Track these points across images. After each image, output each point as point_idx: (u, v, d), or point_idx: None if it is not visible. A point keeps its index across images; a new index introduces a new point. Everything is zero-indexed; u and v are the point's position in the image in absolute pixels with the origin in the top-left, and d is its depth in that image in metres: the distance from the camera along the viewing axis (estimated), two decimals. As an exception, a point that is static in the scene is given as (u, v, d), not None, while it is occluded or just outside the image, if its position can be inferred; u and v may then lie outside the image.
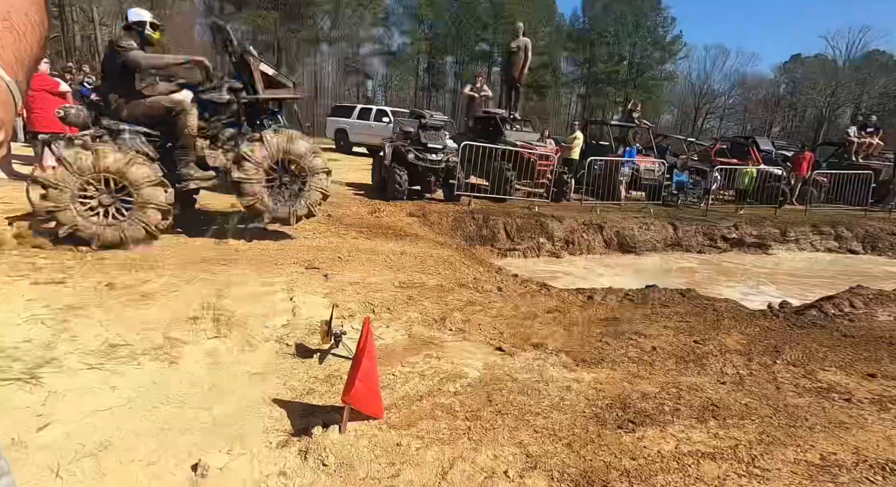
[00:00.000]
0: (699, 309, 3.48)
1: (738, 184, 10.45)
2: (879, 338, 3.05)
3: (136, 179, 3.19)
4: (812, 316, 3.68)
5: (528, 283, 3.67)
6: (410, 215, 6.33)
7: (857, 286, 4.28)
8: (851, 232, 8.53)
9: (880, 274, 7.25)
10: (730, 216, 9.21)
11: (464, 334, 2.41)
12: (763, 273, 7.09)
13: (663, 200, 9.69)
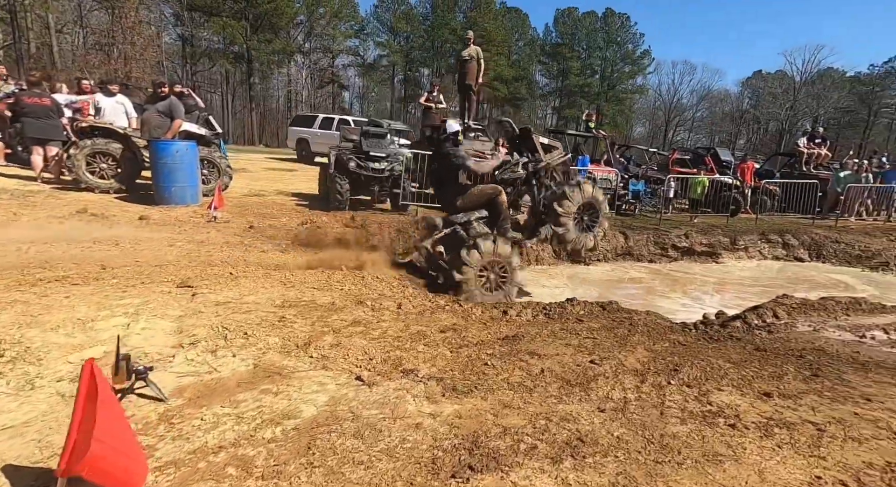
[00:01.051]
0: (615, 323, 3.29)
1: (690, 193, 10.54)
2: (790, 351, 2.91)
3: (506, 257, 4.13)
4: (734, 329, 3.54)
5: (438, 298, 3.43)
6: (347, 226, 6.06)
7: (783, 295, 4.20)
8: (798, 240, 8.63)
9: (824, 281, 7.29)
10: (683, 225, 9.22)
11: (326, 361, 2.14)
12: (710, 282, 7.04)
13: (617, 209, 9.67)
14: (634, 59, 53.41)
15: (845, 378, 2.54)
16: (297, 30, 32.75)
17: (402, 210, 7.43)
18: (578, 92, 52.65)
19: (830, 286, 6.98)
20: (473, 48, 9.08)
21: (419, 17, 44.53)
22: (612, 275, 6.99)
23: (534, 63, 53.92)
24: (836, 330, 3.52)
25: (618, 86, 53.95)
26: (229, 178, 6.97)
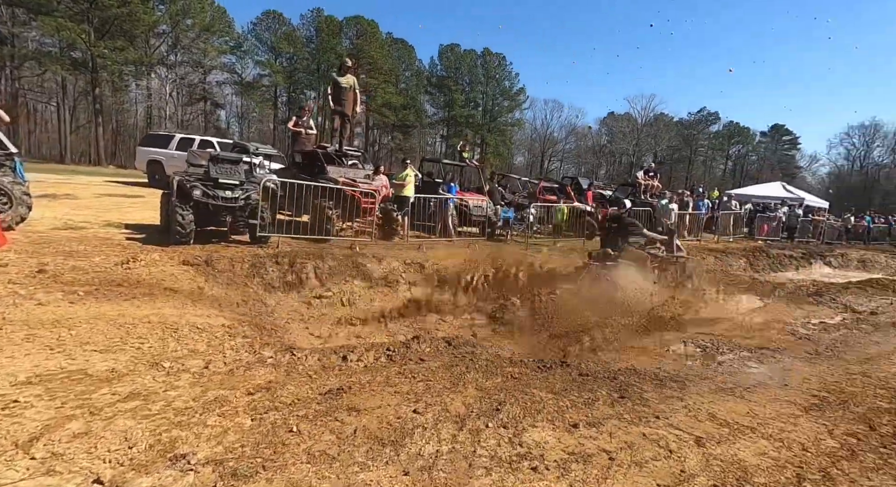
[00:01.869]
0: (457, 359, 3.24)
1: (554, 219, 11.53)
2: (608, 374, 3.12)
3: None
4: (568, 353, 3.75)
5: (265, 349, 3.05)
6: (185, 263, 5.29)
7: (609, 317, 4.63)
8: (638, 260, 9.89)
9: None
10: (547, 249, 9.98)
11: (56, 462, 1.65)
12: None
13: (488, 235, 10.15)
14: (512, 95, 58.67)
15: (645, 396, 2.77)
16: (160, 40, 29.51)
17: (261, 242, 6.79)
18: (464, 122, 55.87)
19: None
20: (352, 78, 8.93)
21: (302, 39, 43.51)
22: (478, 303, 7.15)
23: (421, 93, 56.04)
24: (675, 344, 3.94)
25: (499, 118, 58.58)
26: (27, 209, 5.68)
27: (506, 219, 11.11)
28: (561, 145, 63.67)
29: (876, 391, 3.07)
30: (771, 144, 62.50)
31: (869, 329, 5.00)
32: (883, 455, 2.18)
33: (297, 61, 43.90)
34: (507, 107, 58.71)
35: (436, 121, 60.00)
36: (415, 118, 55.06)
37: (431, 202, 9.62)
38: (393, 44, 53.98)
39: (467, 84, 56.65)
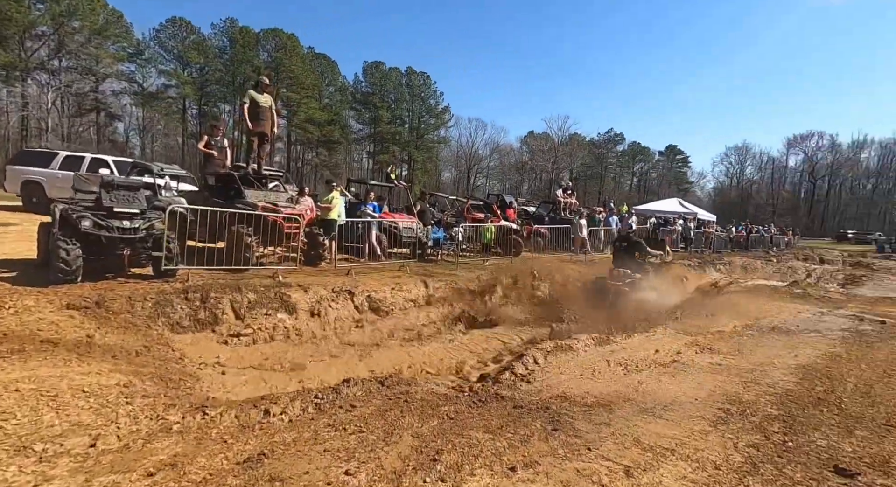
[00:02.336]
0: (391, 402, 3.11)
1: (482, 238, 11.80)
2: (540, 404, 3.17)
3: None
4: (502, 383, 3.77)
5: (169, 412, 2.68)
6: (70, 307, 4.58)
7: (541, 340, 4.78)
8: (559, 276, 10.41)
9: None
10: (477, 268, 10.15)
11: None
12: (498, 322, 7.76)
13: (418, 257, 10.12)
14: (437, 113, 59.99)
15: (577, 426, 2.85)
16: (39, 42, 26.11)
17: (167, 276, 6.11)
18: (391, 139, 55.94)
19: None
20: (269, 96, 8.47)
21: (214, 49, 41.03)
22: (412, 330, 7.04)
23: (346, 108, 55.30)
24: (578, 369, 4.11)
25: (425, 135, 59.48)
26: None
27: (436, 239, 11.16)
28: (486, 162, 66.08)
29: (766, 398, 3.45)
30: (667, 162, 70.15)
31: (755, 334, 5.68)
32: (778, 464, 2.42)
33: (208, 72, 41.23)
34: (433, 125, 59.84)
35: (362, 138, 59.43)
36: (340, 134, 54.09)
37: (360, 224, 9.38)
38: (315, 58, 52.81)
39: (393, 101, 56.98)
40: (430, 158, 59.43)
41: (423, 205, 11.41)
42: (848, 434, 2.81)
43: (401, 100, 57.38)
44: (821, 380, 3.86)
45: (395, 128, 56.98)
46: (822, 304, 8.19)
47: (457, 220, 12.59)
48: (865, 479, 2.25)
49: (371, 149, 59.77)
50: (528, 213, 17.86)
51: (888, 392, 3.66)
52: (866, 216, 52.54)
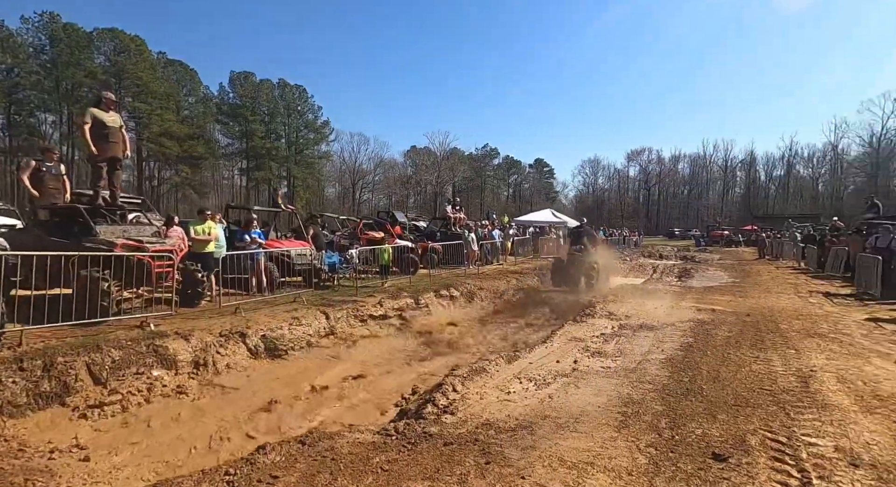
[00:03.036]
0: (318, 463, 2.89)
1: (380, 260, 11.67)
2: (469, 437, 3.25)
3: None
4: (427, 418, 3.77)
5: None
6: None
7: (456, 366, 4.90)
8: (459, 291, 10.81)
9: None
10: (377, 291, 9.98)
11: None
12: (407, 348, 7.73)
13: (315, 285, 9.61)
14: (316, 127, 57.89)
15: (507, 454, 2.98)
16: None
17: (-9, 342, 4.83)
18: (266, 155, 52.27)
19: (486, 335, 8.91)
20: (116, 115, 7.25)
21: (27, 47, 34.04)
22: (315, 372, 6.62)
23: (211, 121, 50.21)
24: (495, 392, 4.30)
25: (305, 150, 56.89)
26: None
27: (331, 264, 10.73)
28: (370, 177, 65.64)
29: (650, 395, 4.03)
30: (536, 174, 77.75)
31: (629, 333, 6.59)
32: (673, 460, 2.84)
33: (21, 76, 33.89)
34: (312, 140, 57.64)
35: (232, 153, 54.50)
36: (205, 149, 48.90)
37: (244, 256, 8.56)
38: (168, 65, 47.18)
39: (267, 114, 53.46)
40: (311, 174, 56.96)
41: (315, 229, 10.87)
42: (713, 419, 3.43)
43: (275, 114, 54.17)
44: (684, 371, 4.65)
45: (270, 142, 53.46)
46: (670, 298, 9.87)
47: (350, 242, 12.27)
48: (734, 460, 2.78)
49: (244, 165, 55.13)
50: (419, 229, 18.20)
51: (729, 373, 4.56)
52: (685, 216, 64.80)
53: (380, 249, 11.41)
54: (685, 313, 8.02)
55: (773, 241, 23.47)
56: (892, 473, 2.61)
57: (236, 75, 51.60)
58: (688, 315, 7.83)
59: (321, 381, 5.86)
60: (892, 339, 5.93)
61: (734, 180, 67.20)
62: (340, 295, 9.49)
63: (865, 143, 54.16)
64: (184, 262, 7.59)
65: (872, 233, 12.05)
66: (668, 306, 8.79)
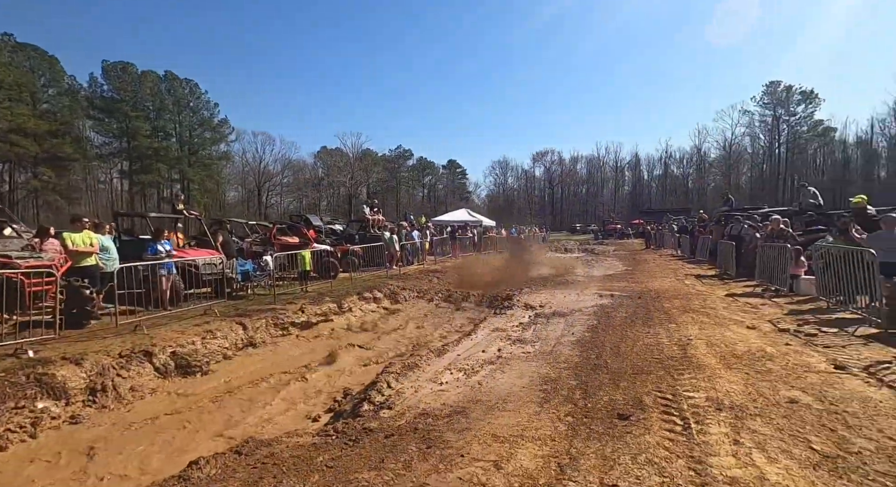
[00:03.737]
0: (259, 470, 2.84)
1: (299, 266, 11.26)
2: (409, 427, 3.41)
3: None
4: (365, 416, 3.85)
5: None
6: None
7: (389, 363, 5.03)
8: (381, 292, 10.84)
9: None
10: (297, 297, 9.64)
11: None
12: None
13: (227, 295, 9.02)
14: (213, 125, 53.24)
15: (446, 438, 3.20)
16: None
17: None
18: (154, 155, 46.84)
19: (418, 331, 9.05)
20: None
21: None
22: (222, 387, 6.27)
23: (80, 117, 43.66)
24: (428, 384, 4.51)
25: (201, 151, 52.04)
26: None
27: (244, 272, 10.14)
28: (278, 179, 62.12)
29: (565, 372, 4.53)
30: (450, 175, 79.60)
31: (544, 321, 7.23)
32: (587, 424, 3.29)
33: None
34: (209, 139, 52.98)
35: (110, 153, 47.96)
36: (74, 148, 42.44)
37: (140, 267, 7.77)
38: (18, 50, 40.18)
39: (152, 110, 47.90)
40: (209, 176, 52.26)
41: (223, 235, 10.15)
42: (616, 387, 4.00)
43: (163, 110, 48.81)
44: (592, 350, 5.28)
45: (158, 142, 48.05)
46: (577, 287, 10.93)
47: (264, 248, 11.67)
48: (634, 418, 3.30)
49: (125, 168, 48.85)
50: (335, 233, 17.80)
51: (627, 348, 5.28)
52: (584, 213, 71.08)
53: (298, 255, 11.00)
54: (590, 299, 8.98)
55: (657, 233, 26.85)
56: (744, 411, 3.30)
57: (111, 65, 45.50)
58: (592, 301, 8.77)
59: (247, 394, 5.58)
60: (744, 309, 7.27)
61: (623, 179, 75.23)
62: (257, 304, 9.01)
63: (721, 147, 64.17)
64: (66, 278, 6.68)
65: (728, 224, 14.47)
66: (576, 294, 9.75)
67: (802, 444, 2.79)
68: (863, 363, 4.26)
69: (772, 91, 59.02)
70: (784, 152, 58.59)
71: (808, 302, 7.57)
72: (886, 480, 2.38)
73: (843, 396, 3.49)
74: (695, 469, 2.53)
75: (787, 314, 6.76)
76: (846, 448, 2.73)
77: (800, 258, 8.75)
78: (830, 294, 7.13)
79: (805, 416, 3.18)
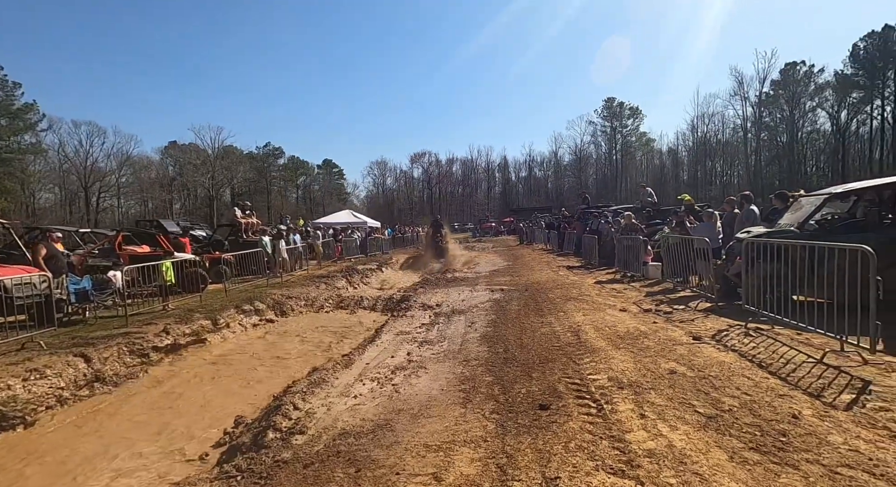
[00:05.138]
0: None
1: (160, 280, 9.55)
2: (329, 452, 3.07)
3: None
4: (272, 446, 3.37)
5: None
6: None
7: (293, 382, 4.51)
8: (264, 303, 9.81)
9: (313, 338, 8.64)
10: (158, 317, 8.15)
11: None
12: (208, 375, 6.56)
13: (60, 321, 7.20)
14: (13, 112, 42.52)
15: (374, 457, 2.96)
16: None
17: None
18: (-80, 144, 35.37)
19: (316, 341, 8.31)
20: None
21: None
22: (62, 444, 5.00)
23: None
24: (341, 400, 4.15)
25: (-3, 141, 40.95)
26: None
27: (80, 291, 8.26)
28: (113, 178, 52.32)
29: (479, 369, 4.60)
30: (326, 175, 76.26)
31: (446, 319, 7.29)
32: (512, 418, 3.36)
33: None
34: (10, 129, 42.19)
35: None
36: None
37: None
38: None
39: (-86, 85, 36.11)
40: (9, 174, 41.47)
41: (48, 247, 8.05)
42: (530, 378, 4.19)
43: (-65, 86, 37.35)
44: (498, 344, 5.47)
45: (-74, 126, 36.63)
46: (468, 284, 11.33)
47: (113, 263, 9.68)
48: (554, 406, 3.48)
49: None
50: (198, 239, 15.69)
51: (529, 339, 5.60)
52: (462, 212, 74.62)
53: (159, 266, 9.33)
54: (483, 295, 9.36)
55: (528, 229, 29.42)
56: (640, 387, 3.73)
57: None
58: (485, 296, 9.16)
59: (103, 441, 4.48)
60: (613, 294, 8.33)
61: (494, 180, 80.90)
62: (103, 329, 7.38)
63: (572, 152, 73.29)
64: None
65: (588, 220, 16.53)
66: (469, 291, 10.08)
67: (690, 409, 3.24)
68: (710, 333, 5.19)
69: (609, 106, 69.42)
70: (620, 158, 69.38)
71: (657, 284, 9.02)
72: (752, 429, 2.88)
73: (705, 363, 4.18)
74: (618, 448, 2.75)
75: (645, 296, 7.94)
76: (720, 406, 3.25)
77: (647, 247, 10.39)
78: (673, 276, 8.59)
79: (684, 384, 3.71)
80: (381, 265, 17.37)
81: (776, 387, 3.51)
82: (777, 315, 4.87)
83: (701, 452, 2.63)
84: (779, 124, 55.06)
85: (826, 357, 4.06)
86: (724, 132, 60.58)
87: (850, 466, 2.38)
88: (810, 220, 6.03)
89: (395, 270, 18.15)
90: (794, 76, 53.42)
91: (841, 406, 3.11)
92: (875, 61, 47.13)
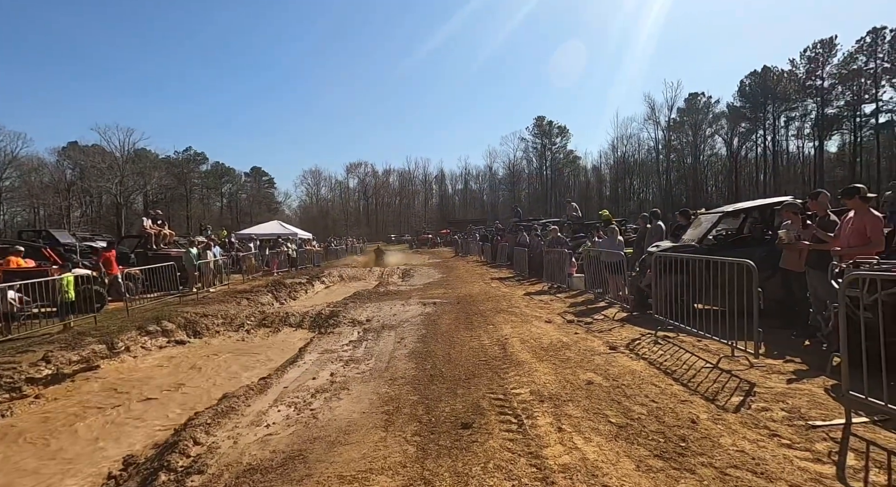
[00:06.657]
0: None
1: (61, 296, 8.40)
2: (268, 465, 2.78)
3: None
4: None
5: None
6: None
7: (195, 414, 4.08)
8: (174, 323, 8.92)
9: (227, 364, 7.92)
10: (37, 343, 7.09)
11: None
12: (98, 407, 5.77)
13: None
14: None
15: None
16: None
17: None
18: None
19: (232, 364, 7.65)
20: None
21: None
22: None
23: None
24: (250, 429, 3.81)
25: None
26: None
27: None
28: (-4, 181, 45.64)
29: (405, 388, 4.47)
30: (255, 184, 72.34)
31: (374, 335, 7.07)
32: (433, 440, 3.26)
33: None
34: None
35: None
36: None
37: None
38: None
39: None
40: None
41: None
42: (455, 395, 4.13)
43: None
44: (426, 360, 5.38)
45: None
46: (401, 298, 11.15)
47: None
48: (476, 424, 3.44)
49: None
50: (97, 251, 14.08)
51: (457, 354, 5.57)
52: (398, 223, 74.23)
53: (61, 281, 8.18)
54: (415, 309, 9.24)
55: (463, 241, 29.84)
56: (560, 399, 3.82)
57: None
58: (417, 310, 9.05)
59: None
60: (540, 306, 8.61)
61: (432, 192, 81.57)
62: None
63: (506, 167, 76.06)
64: None
65: (519, 233, 17.09)
66: (401, 305, 9.91)
67: (604, 420, 3.36)
68: (624, 342, 5.50)
69: (539, 124, 73.19)
70: (550, 173, 73.17)
71: (581, 295, 9.48)
72: (657, 436, 3.04)
73: (619, 372, 4.39)
74: (535, 465, 2.75)
75: (569, 307, 8.29)
76: (630, 415, 3.40)
77: (572, 260, 10.92)
78: (594, 287, 9.08)
79: (600, 394, 3.86)
80: (311, 278, 16.63)
81: (679, 393, 3.76)
82: (681, 324, 5.28)
83: (611, 463, 2.71)
84: (685, 147, 61.39)
85: (721, 362, 4.44)
86: (640, 152, 66.31)
87: (736, 466, 2.57)
88: (708, 236, 6.67)
89: (328, 284, 17.48)
90: (696, 105, 60.07)
91: (731, 408, 3.39)
92: (757, 97, 54.42)
